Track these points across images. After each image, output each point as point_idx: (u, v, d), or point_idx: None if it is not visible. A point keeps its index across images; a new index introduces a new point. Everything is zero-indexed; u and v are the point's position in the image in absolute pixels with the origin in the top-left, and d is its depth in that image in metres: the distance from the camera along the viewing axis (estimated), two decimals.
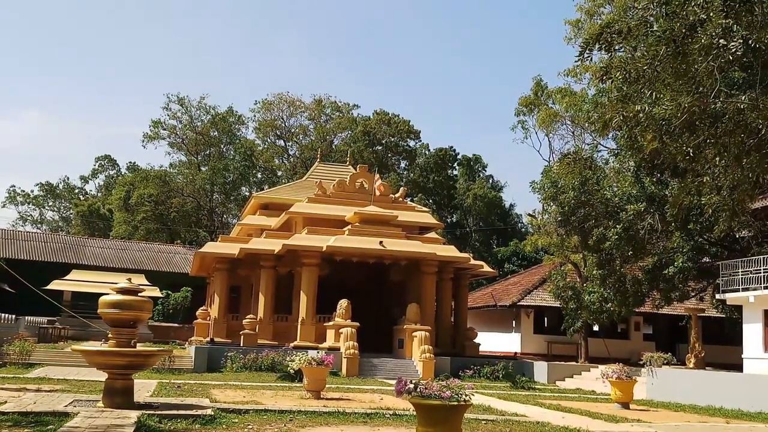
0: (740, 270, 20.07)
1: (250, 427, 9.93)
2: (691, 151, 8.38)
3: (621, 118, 8.45)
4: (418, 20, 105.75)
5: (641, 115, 8.29)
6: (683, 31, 7.69)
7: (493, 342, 34.16)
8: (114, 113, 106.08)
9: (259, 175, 63.25)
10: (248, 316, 26.58)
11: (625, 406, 16.13)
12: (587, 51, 8.77)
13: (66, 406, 10.80)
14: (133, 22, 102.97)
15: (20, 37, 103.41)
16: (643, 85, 8.31)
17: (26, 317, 31.59)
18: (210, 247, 30.17)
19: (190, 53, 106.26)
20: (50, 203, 79.33)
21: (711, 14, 7.66)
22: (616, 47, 8.69)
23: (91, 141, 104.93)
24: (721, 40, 7.54)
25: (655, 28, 8.06)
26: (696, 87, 8.13)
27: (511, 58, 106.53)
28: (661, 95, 8.27)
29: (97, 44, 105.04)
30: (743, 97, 8.27)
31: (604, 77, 8.68)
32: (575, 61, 9.09)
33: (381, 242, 25.90)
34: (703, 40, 7.48)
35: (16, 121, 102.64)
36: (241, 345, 25.06)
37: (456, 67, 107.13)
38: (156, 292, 35.33)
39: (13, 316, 30.09)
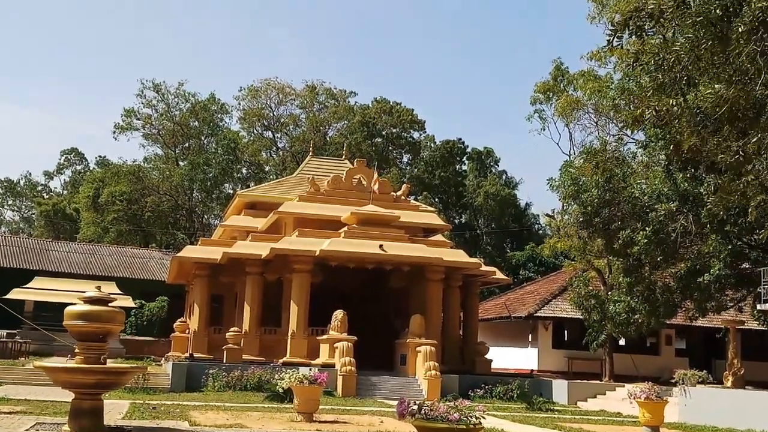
0: None
1: None
2: (733, 146, 8.33)
3: (654, 112, 8.39)
4: None
5: (676, 108, 8.23)
6: (722, 12, 7.64)
7: (506, 358, 34.18)
8: (82, 102, 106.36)
9: (244, 171, 63.31)
10: (232, 329, 26.57)
11: (655, 430, 16.11)
12: (616, 38, 8.71)
13: (27, 429, 10.76)
14: (101, 1, 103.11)
15: None
16: (679, 73, 8.26)
17: None
18: (189, 252, 30.17)
19: (169, 35, 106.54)
20: (9, 202, 79.50)
21: None
22: (648, 32, 8.63)
23: (57, 132, 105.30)
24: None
25: (692, 10, 8.00)
26: (738, 74, 8.09)
27: (527, 39, 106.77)
28: (699, 84, 8.22)
29: (63, 24, 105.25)
30: None
31: (635, 64, 8.63)
32: (601, 48, 9.09)
33: (381, 246, 25.91)
34: (746, 19, 7.44)
35: None
36: (224, 361, 25.03)
37: (465, 50, 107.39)
38: (128, 302, 35.30)
39: None
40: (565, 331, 34.11)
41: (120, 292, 34.81)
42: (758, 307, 22.15)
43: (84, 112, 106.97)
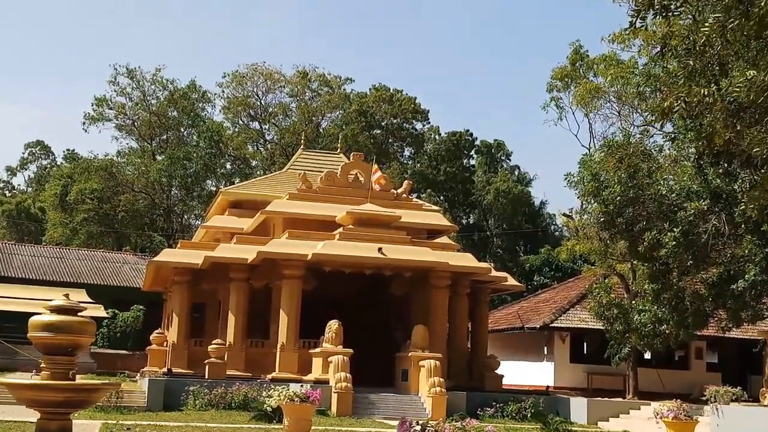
0: None
1: None
2: None
3: (683, 104, 8.35)
4: None
5: (708, 97, 8.21)
6: None
7: (519, 373, 34.25)
8: (46, 88, 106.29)
9: (228, 166, 63.50)
10: (215, 341, 26.57)
11: None
12: (639, 19, 8.70)
13: None
14: None
15: None
16: (711, 58, 8.23)
17: None
18: (167, 256, 30.20)
19: (146, 15, 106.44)
20: None
21: None
22: (674, 11, 8.60)
23: (20, 123, 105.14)
24: None
25: None
26: None
27: (543, 20, 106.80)
28: (733, 69, 8.20)
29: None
30: None
31: (663, 50, 8.61)
32: (624, 29, 9.10)
33: (380, 249, 25.95)
34: None
35: None
36: (206, 377, 25.04)
37: (473, 32, 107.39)
38: (100, 312, 35.33)
39: None
40: (585, 344, 34.19)
41: (90, 300, 34.81)
42: None
43: (50, 100, 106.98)
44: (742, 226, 21.81)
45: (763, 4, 7.40)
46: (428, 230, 30.29)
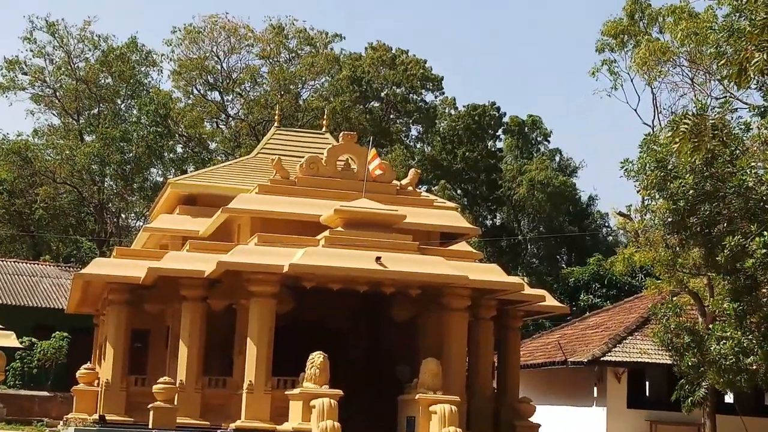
0: None
1: None
2: None
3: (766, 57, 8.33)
4: None
5: None
6: None
7: (561, 421, 34.19)
8: None
9: (179, 149, 63.89)
10: (162, 380, 26.40)
11: None
12: None
13: None
14: None
15: None
16: None
17: None
18: (99, 267, 30.02)
19: None
20: None
21: None
22: None
23: None
24: None
25: None
26: None
27: None
28: None
29: None
30: None
31: None
32: None
33: (378, 259, 25.66)
34: None
35: None
36: (151, 426, 24.94)
37: None
38: (11, 341, 35.08)
39: None
40: (647, 383, 34.21)
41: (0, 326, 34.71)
42: None
43: None
44: None
45: None
46: (442, 234, 30.20)
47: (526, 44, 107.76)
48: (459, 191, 64.33)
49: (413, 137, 67.83)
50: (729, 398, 32.08)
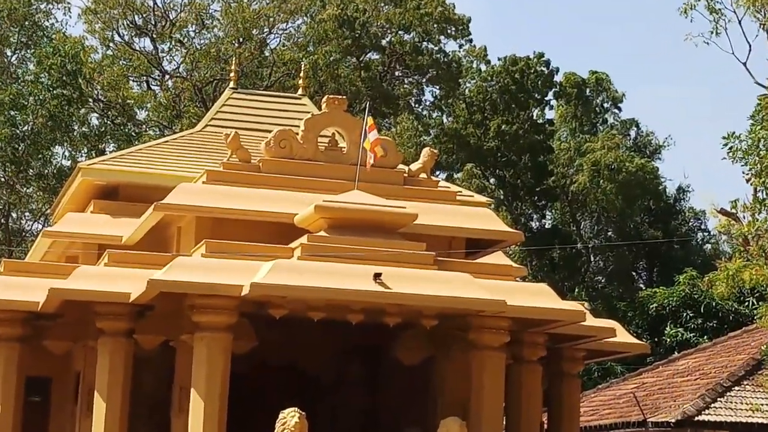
0: None
1: None
2: None
3: None
4: None
5: None
6: None
7: None
8: None
9: (95, 121, 63.82)
10: None
11: None
12: None
13: None
14: None
15: None
16: None
17: None
18: None
19: None
20: None
21: None
22: None
23: None
24: None
25: None
26: None
27: None
28: None
29: None
30: None
31: None
32: None
33: (378, 276, 24.98)
34: None
35: None
36: None
37: None
38: None
39: None
40: None
41: None
42: None
43: None
44: None
45: None
46: (468, 241, 29.76)
47: None
48: (492, 180, 64.47)
49: (428, 103, 67.88)
50: None
